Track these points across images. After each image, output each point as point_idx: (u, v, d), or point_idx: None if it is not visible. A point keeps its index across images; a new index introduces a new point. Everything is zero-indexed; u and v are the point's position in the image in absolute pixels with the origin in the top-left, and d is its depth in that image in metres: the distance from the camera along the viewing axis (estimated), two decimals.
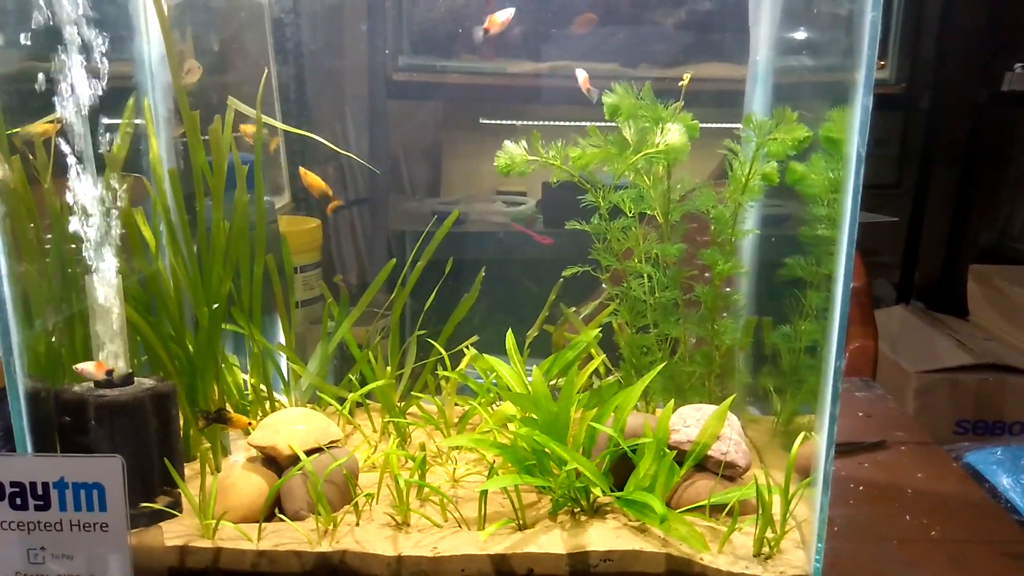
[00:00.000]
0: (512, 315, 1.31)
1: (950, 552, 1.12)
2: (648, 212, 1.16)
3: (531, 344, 1.28)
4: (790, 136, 1.02)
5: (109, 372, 0.95)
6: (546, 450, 1.01)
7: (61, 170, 0.96)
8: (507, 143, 1.10)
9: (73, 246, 0.99)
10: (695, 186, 1.13)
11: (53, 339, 1.03)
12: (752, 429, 1.26)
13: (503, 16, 1.15)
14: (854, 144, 0.84)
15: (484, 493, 1.00)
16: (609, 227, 1.14)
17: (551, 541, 0.97)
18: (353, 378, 1.24)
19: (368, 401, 1.29)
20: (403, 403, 1.27)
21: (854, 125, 0.84)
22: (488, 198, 2.97)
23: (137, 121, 1.14)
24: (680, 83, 1.13)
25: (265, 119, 1.17)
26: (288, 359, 1.23)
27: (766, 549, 0.96)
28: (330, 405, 1.23)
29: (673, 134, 1.07)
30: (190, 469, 1.12)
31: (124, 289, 1.07)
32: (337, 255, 2.93)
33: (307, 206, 2.32)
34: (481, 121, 3.05)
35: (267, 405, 1.23)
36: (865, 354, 2.27)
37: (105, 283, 0.95)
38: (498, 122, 3.09)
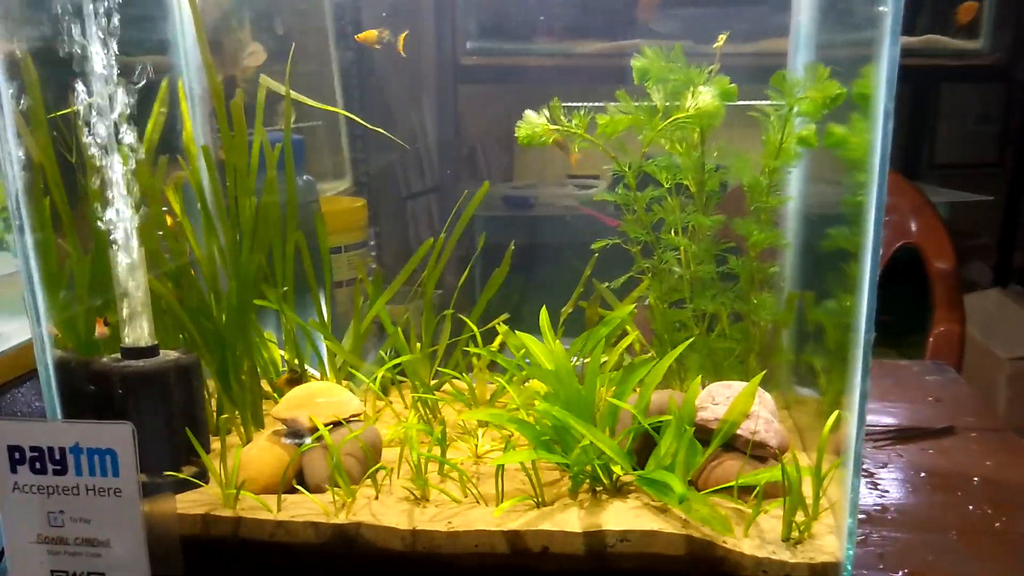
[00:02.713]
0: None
1: (1014, 545, 1.04)
2: (682, 182, 1.11)
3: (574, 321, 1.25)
4: (822, 94, 0.95)
5: (106, 322, 0.97)
6: (569, 427, 0.98)
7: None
8: (528, 112, 1.07)
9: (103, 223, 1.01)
10: (731, 153, 1.08)
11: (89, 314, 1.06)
12: (797, 410, 1.20)
13: None
14: (881, 99, 0.78)
15: (500, 468, 0.98)
16: (636, 197, 1.09)
17: (568, 519, 0.94)
18: (384, 354, 1.23)
19: (403, 379, 1.28)
20: (436, 380, 1.26)
21: (881, 78, 0.78)
22: (559, 182, 2.94)
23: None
24: (715, 45, 1.08)
25: (297, 97, 1.18)
26: (323, 336, 1.24)
27: (796, 533, 0.91)
28: (365, 382, 1.23)
29: (705, 97, 1.02)
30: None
31: (163, 266, 1.10)
32: (415, 241, 2.95)
33: (370, 190, 2.35)
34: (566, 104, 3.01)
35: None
36: (950, 339, 2.14)
37: (129, 255, 0.97)
38: (569, 104, 3.05)
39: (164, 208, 1.14)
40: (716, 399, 1.01)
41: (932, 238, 2.29)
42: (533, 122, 1.06)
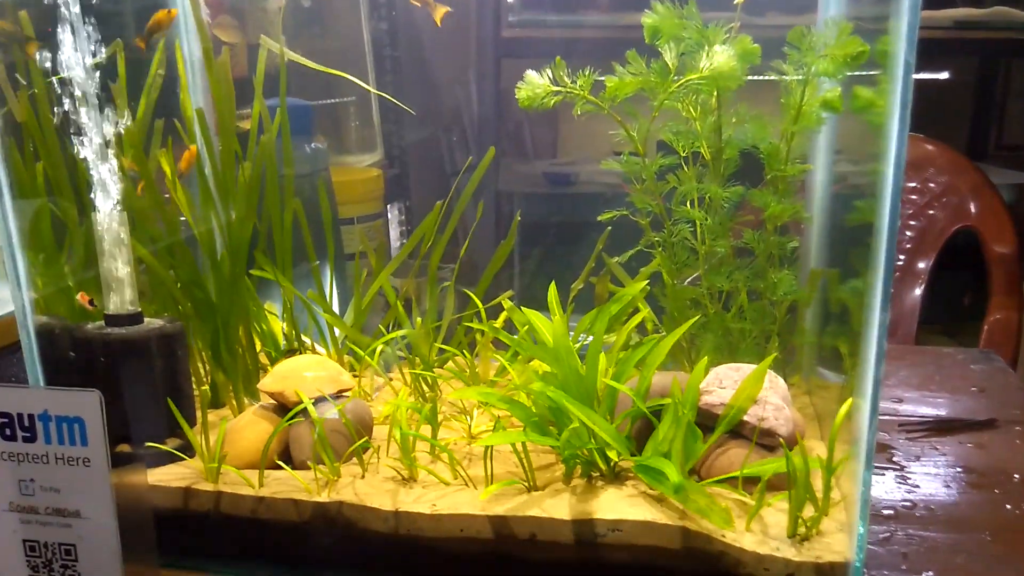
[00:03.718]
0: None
1: None
2: (698, 150, 1.04)
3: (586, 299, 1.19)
4: (842, 52, 0.87)
5: (90, 301, 0.95)
6: (564, 408, 0.93)
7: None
8: (529, 72, 1.01)
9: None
10: (749, 118, 1.00)
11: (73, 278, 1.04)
12: (819, 395, 1.12)
13: None
14: (901, 52, 0.70)
15: (489, 450, 0.93)
16: (644, 165, 1.02)
17: (558, 506, 0.89)
18: (383, 328, 1.19)
19: (411, 356, 1.24)
20: (440, 357, 1.21)
21: (902, 29, 0.70)
22: (604, 159, 2.86)
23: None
24: (736, 1, 1.00)
25: (294, 57, 1.13)
26: (323, 310, 1.20)
27: (803, 529, 0.83)
28: (363, 356, 1.19)
29: (720, 57, 0.94)
30: (216, 415, 1.11)
31: (154, 233, 1.07)
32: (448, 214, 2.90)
33: (402, 163, 2.31)
34: (599, 78, 2.93)
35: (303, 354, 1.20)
36: (1007, 327, 2.02)
37: (111, 220, 0.94)
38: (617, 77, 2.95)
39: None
40: (723, 382, 0.94)
41: (992, 220, 2.16)
42: (534, 83, 1.00)
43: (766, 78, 1.01)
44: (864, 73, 0.93)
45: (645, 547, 0.86)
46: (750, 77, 1.01)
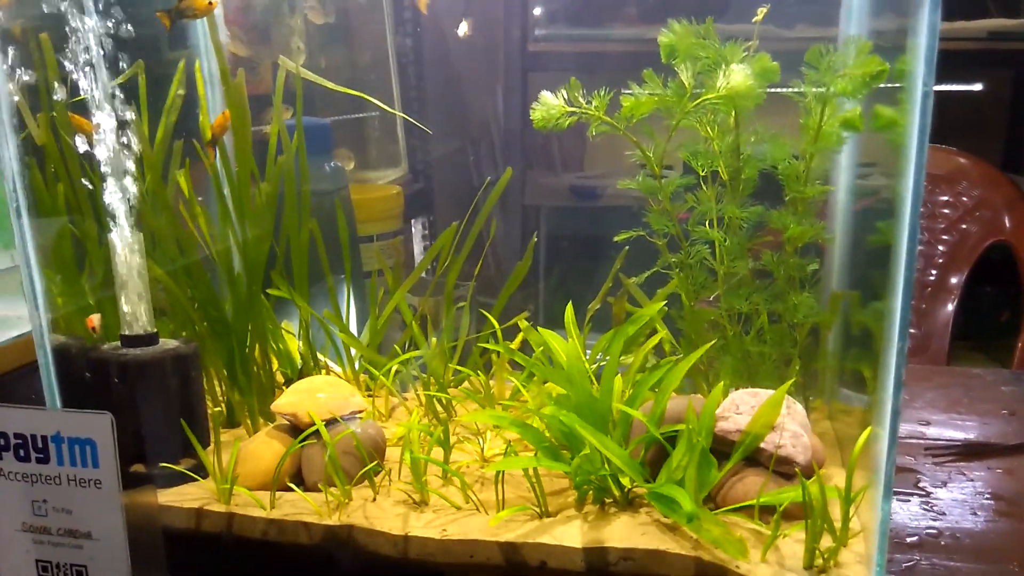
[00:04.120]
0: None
1: None
2: (715, 169, 1.02)
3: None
4: (862, 71, 0.85)
5: (93, 328, 0.95)
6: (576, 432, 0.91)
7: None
8: (544, 93, 1.00)
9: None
10: (767, 137, 0.98)
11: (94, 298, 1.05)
12: (841, 421, 1.09)
13: None
14: (919, 74, 0.68)
15: (499, 475, 0.92)
16: (660, 185, 1.01)
17: (569, 533, 0.87)
18: (399, 349, 1.18)
19: (425, 375, 1.23)
20: (456, 377, 1.20)
21: (919, 50, 0.68)
22: (631, 172, 2.84)
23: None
24: (754, 19, 0.98)
25: (309, 76, 1.14)
26: (338, 329, 1.20)
27: (820, 561, 0.81)
28: (379, 376, 1.19)
29: (736, 76, 0.93)
30: (231, 435, 1.12)
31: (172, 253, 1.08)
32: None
33: (426, 178, 2.31)
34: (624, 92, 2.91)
35: (318, 374, 1.20)
36: None
37: (126, 240, 0.95)
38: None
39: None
40: (740, 408, 0.92)
41: None
42: (549, 104, 0.99)
43: (789, 90, 0.99)
44: (889, 86, 0.91)
45: None
46: (773, 90, 0.99)
